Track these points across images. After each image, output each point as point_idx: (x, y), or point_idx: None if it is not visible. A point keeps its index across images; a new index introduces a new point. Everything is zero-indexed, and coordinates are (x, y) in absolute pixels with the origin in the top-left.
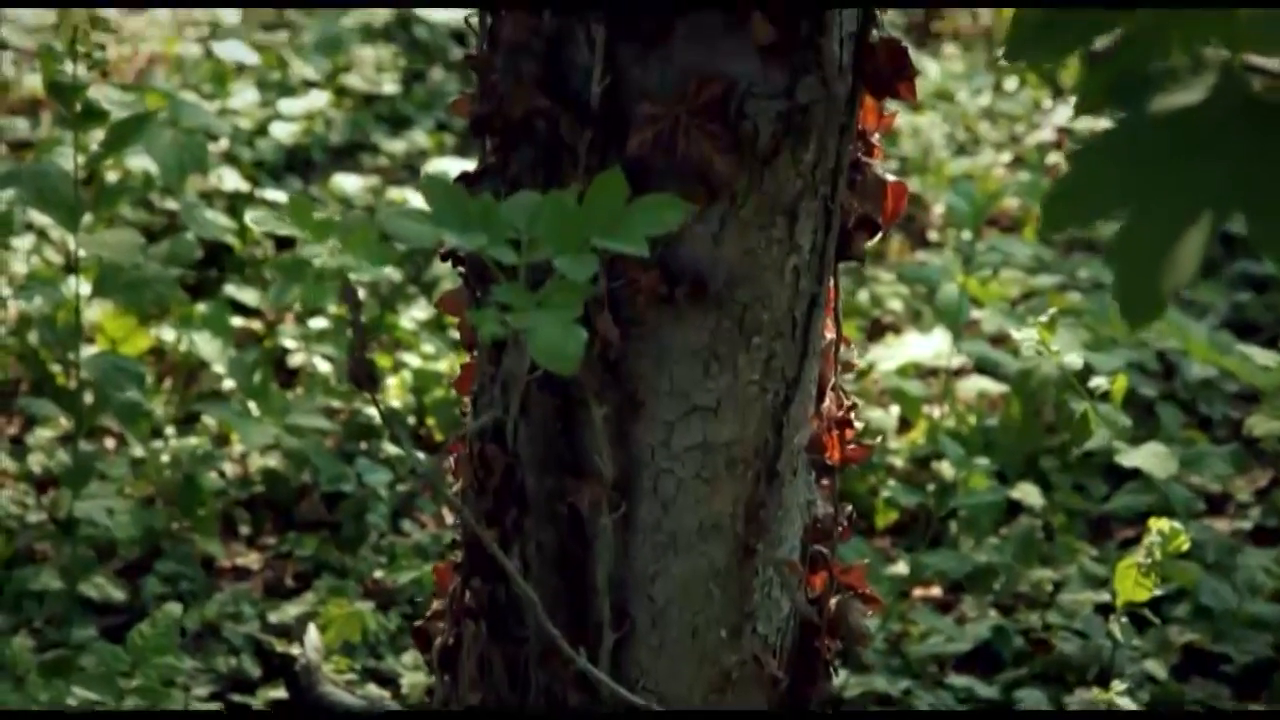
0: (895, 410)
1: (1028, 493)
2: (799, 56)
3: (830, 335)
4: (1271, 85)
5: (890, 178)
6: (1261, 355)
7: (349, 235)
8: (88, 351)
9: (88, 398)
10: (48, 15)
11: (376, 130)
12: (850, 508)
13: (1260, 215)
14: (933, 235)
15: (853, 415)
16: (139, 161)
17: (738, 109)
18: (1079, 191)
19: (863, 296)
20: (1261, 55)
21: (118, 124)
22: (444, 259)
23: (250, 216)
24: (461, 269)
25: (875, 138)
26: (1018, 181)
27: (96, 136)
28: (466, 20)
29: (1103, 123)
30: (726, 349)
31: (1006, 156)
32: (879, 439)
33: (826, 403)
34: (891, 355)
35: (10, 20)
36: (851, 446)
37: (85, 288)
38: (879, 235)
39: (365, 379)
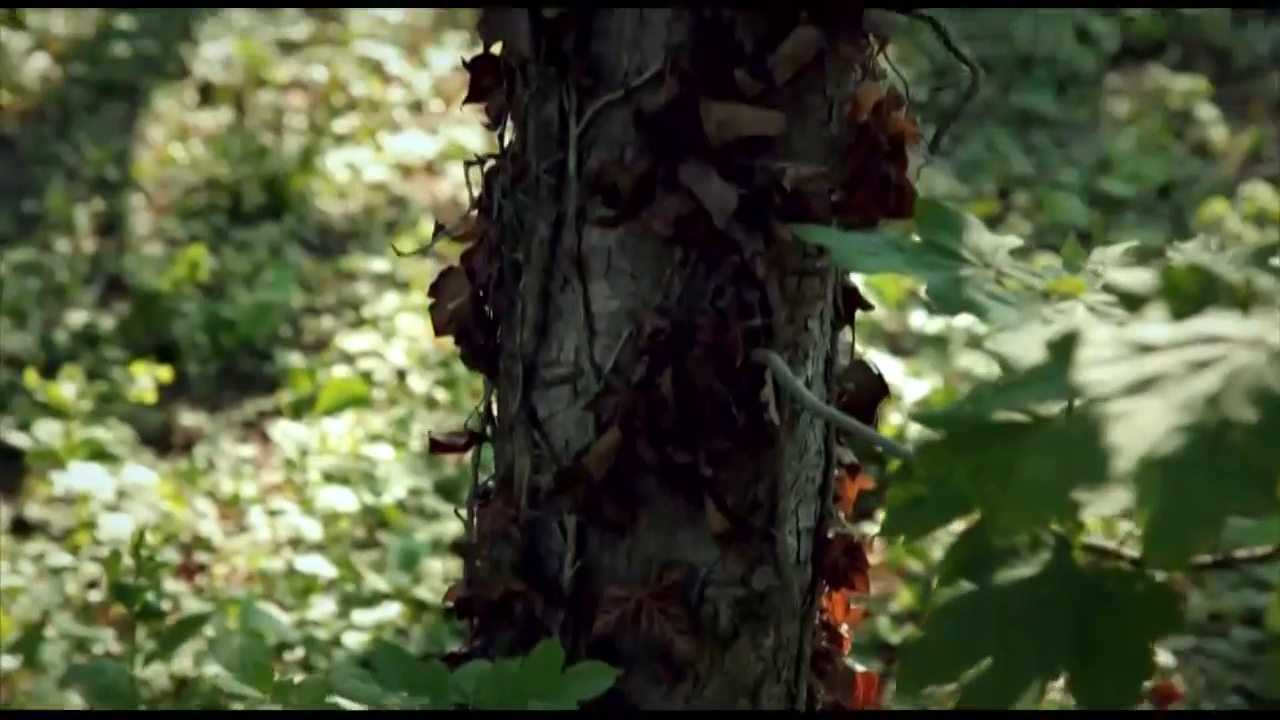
0: None
1: None
2: (754, 546)
3: None
4: (1093, 562)
5: (859, 668)
6: None
7: (303, 694)
8: None
9: None
10: (149, 518)
11: (452, 643)
12: None
13: (1079, 678)
14: None
15: None
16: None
17: (698, 594)
18: (931, 654)
19: None
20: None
21: (175, 624)
22: None
23: (219, 679)
24: None
25: (844, 629)
26: None
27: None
28: (456, 512)
29: None
30: None
31: None
32: None
33: None
34: None
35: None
36: None
37: None
38: None
39: None
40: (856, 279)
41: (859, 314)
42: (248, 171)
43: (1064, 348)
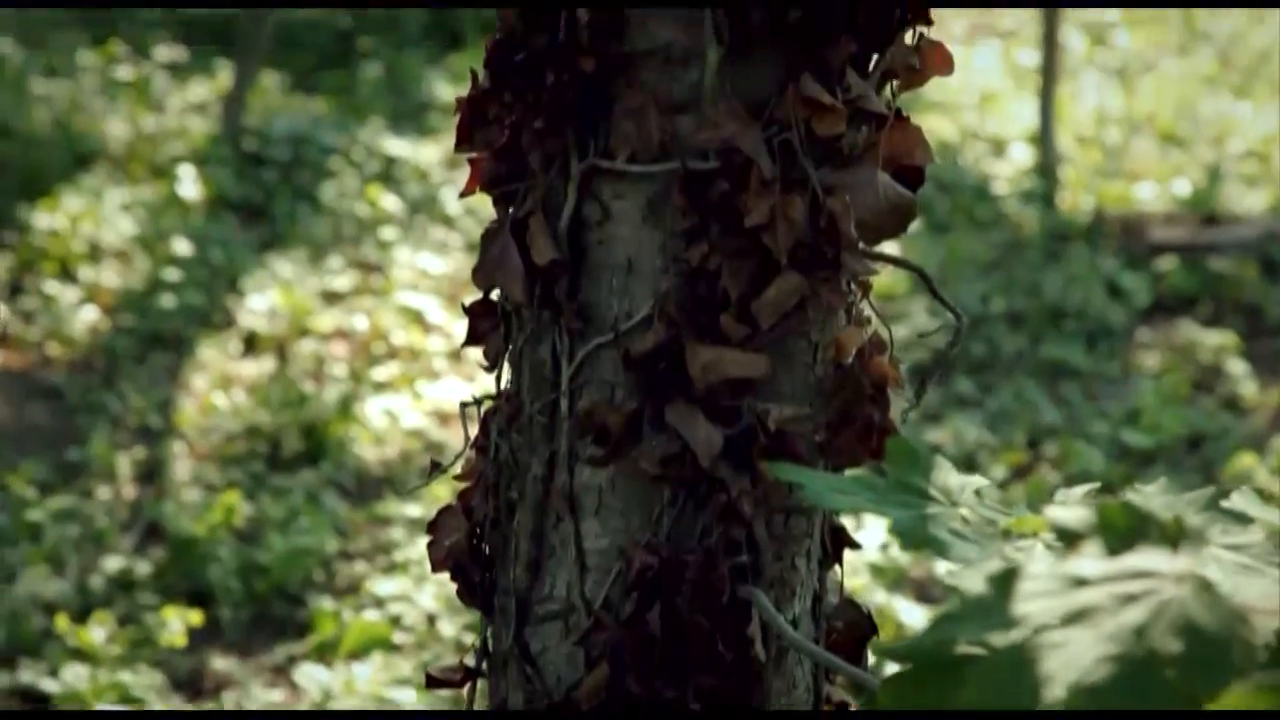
0: None
1: None
2: None
3: None
4: None
5: None
6: None
7: None
8: None
9: None
10: None
11: None
12: None
13: None
14: None
15: None
16: None
17: None
18: None
19: None
20: None
21: None
22: None
23: None
24: None
25: None
26: None
27: None
28: None
29: None
30: None
31: None
32: None
33: None
34: None
35: None
36: None
37: None
38: None
39: None
40: (871, 522)
41: (883, 560)
42: (287, 419)
43: (1004, 581)
